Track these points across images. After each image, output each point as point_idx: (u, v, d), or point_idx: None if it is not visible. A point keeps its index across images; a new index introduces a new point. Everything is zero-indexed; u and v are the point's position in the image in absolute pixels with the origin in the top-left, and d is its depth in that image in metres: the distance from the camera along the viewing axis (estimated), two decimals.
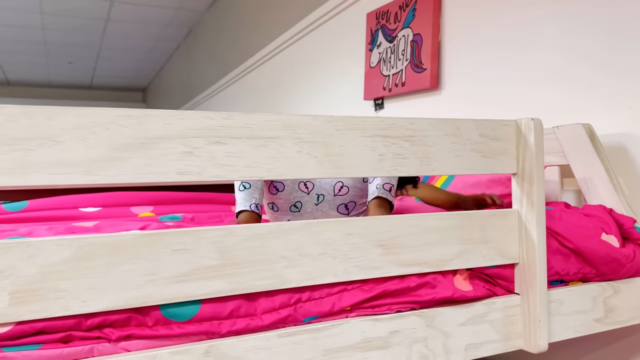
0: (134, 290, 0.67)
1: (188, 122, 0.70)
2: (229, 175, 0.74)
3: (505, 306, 0.93)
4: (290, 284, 0.77)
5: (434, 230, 0.87)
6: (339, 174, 0.81)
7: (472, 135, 0.89)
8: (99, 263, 0.66)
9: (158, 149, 0.68)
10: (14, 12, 4.60)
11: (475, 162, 0.90)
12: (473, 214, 0.91)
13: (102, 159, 0.65)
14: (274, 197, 1.24)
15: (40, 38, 5.41)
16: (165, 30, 5.22)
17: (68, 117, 0.64)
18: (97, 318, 0.66)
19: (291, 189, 1.23)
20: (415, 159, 0.85)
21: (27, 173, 0.62)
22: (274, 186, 1.24)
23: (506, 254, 0.93)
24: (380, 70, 2.12)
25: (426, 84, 1.84)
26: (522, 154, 0.93)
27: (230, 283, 0.73)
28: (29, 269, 0.62)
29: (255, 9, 3.66)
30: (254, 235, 0.75)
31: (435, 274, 0.88)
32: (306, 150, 0.78)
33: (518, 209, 0.94)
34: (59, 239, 0.64)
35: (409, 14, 1.95)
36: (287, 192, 1.23)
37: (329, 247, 0.79)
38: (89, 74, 7.23)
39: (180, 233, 0.70)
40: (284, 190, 1.23)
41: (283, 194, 1.24)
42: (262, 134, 0.76)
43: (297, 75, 3.02)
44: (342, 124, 0.81)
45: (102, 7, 4.52)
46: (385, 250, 0.83)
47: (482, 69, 1.67)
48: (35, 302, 0.63)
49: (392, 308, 0.83)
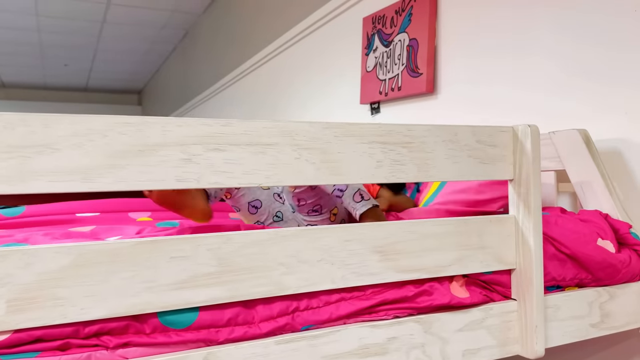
0: (132, 298, 0.67)
1: (186, 129, 0.70)
2: (227, 182, 0.74)
3: (502, 312, 0.93)
4: (288, 291, 0.77)
5: (432, 236, 0.87)
6: (337, 180, 0.81)
7: (470, 142, 0.90)
8: (97, 270, 0.65)
9: (156, 156, 0.68)
10: (9, 14, 4.58)
11: (472, 169, 0.90)
12: (470, 219, 0.91)
13: (100, 166, 0.65)
14: (257, 215, 1.25)
15: (35, 40, 5.40)
16: (162, 33, 5.21)
17: (65, 124, 0.64)
18: (95, 326, 0.66)
19: (269, 202, 1.26)
20: (413, 165, 0.85)
21: (24, 180, 0.62)
22: (252, 206, 1.26)
23: (503, 259, 0.94)
24: (376, 74, 2.12)
25: (422, 89, 1.84)
26: (518, 160, 0.94)
27: (229, 290, 0.73)
28: (26, 277, 0.62)
29: (252, 13, 3.66)
30: (252, 242, 0.75)
31: (432, 282, 0.88)
32: (304, 156, 0.78)
33: (515, 214, 0.95)
34: (57, 247, 0.64)
35: (405, 19, 1.95)
36: (266, 205, 1.25)
37: (327, 253, 0.80)
38: (84, 76, 7.21)
39: (178, 240, 0.70)
40: (262, 205, 1.25)
41: (263, 209, 1.25)
42: (261, 141, 0.76)
43: (293, 78, 3.02)
44: (340, 130, 0.81)
45: (98, 9, 4.51)
46: (383, 257, 0.83)
47: (477, 73, 1.68)
48: (33, 310, 0.63)
49: (390, 313, 0.83)
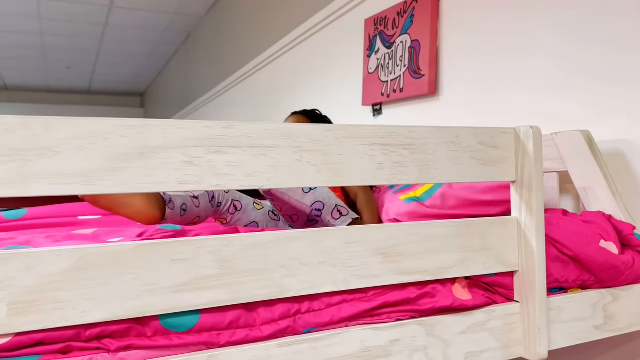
0: (133, 301, 0.67)
1: (188, 132, 0.70)
2: (228, 185, 0.74)
3: (505, 314, 0.93)
4: (289, 293, 0.77)
5: (434, 238, 0.87)
6: (338, 182, 0.81)
7: (471, 143, 0.90)
8: (98, 273, 0.65)
9: (157, 159, 0.68)
10: (12, 18, 4.60)
11: (474, 170, 0.90)
12: (473, 221, 0.91)
13: (101, 169, 0.65)
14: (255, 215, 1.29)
15: (38, 43, 5.41)
16: (164, 35, 5.22)
17: (66, 127, 0.64)
18: (96, 329, 0.66)
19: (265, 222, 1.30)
20: (414, 167, 0.85)
21: (26, 183, 0.62)
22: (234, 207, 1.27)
23: (506, 261, 0.93)
24: (378, 76, 2.12)
25: (424, 90, 1.84)
26: (521, 161, 0.93)
27: (230, 293, 0.73)
28: (28, 280, 0.62)
29: (254, 15, 3.67)
30: (253, 244, 0.75)
31: (434, 284, 0.88)
32: (305, 158, 0.78)
33: (517, 216, 0.94)
34: (59, 250, 0.64)
35: (407, 20, 1.95)
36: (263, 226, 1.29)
37: (329, 255, 0.79)
38: (87, 78, 7.23)
39: (180, 243, 0.70)
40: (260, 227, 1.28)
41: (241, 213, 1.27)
42: (262, 143, 0.76)
43: (295, 80, 3.02)
44: (341, 132, 0.81)
45: (100, 12, 4.52)
46: (385, 259, 0.83)
47: (479, 75, 1.68)
48: (34, 313, 0.62)
49: (392, 316, 0.82)
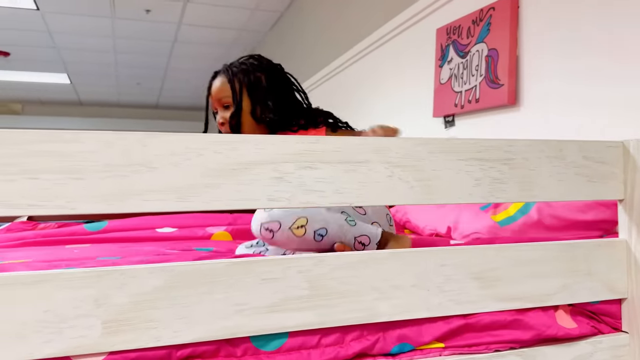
0: (224, 320, 0.65)
1: (279, 147, 0.68)
2: (318, 201, 0.70)
3: (613, 345, 0.84)
4: (381, 318, 0.72)
5: (534, 262, 0.80)
6: (431, 200, 0.76)
7: (576, 158, 0.82)
8: (190, 292, 0.64)
9: (249, 175, 0.66)
10: (89, 38, 4.85)
11: (579, 188, 0.82)
12: (576, 243, 0.83)
13: (195, 185, 0.64)
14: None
15: (111, 60, 5.68)
16: (229, 51, 5.34)
17: (163, 143, 0.63)
18: (187, 349, 0.64)
19: None
20: (514, 183, 0.79)
21: (122, 200, 0.61)
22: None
23: (613, 288, 0.85)
24: (451, 86, 2.05)
25: (503, 100, 1.76)
26: (630, 178, 0.85)
27: (320, 315, 0.69)
28: (122, 298, 0.61)
29: (319, 28, 3.68)
30: (343, 264, 0.71)
31: (535, 310, 0.81)
32: (397, 174, 0.74)
33: (626, 238, 0.86)
34: (151, 267, 0.62)
35: (483, 29, 1.88)
36: None
37: (421, 278, 0.74)
38: (155, 94, 7.51)
39: (270, 262, 0.68)
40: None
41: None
42: (352, 158, 0.72)
43: (363, 91, 2.99)
44: (435, 146, 0.76)
45: (169, 29, 4.69)
46: (482, 284, 0.77)
47: (566, 83, 1.58)
48: (128, 332, 0.61)
49: (490, 347, 0.76)
